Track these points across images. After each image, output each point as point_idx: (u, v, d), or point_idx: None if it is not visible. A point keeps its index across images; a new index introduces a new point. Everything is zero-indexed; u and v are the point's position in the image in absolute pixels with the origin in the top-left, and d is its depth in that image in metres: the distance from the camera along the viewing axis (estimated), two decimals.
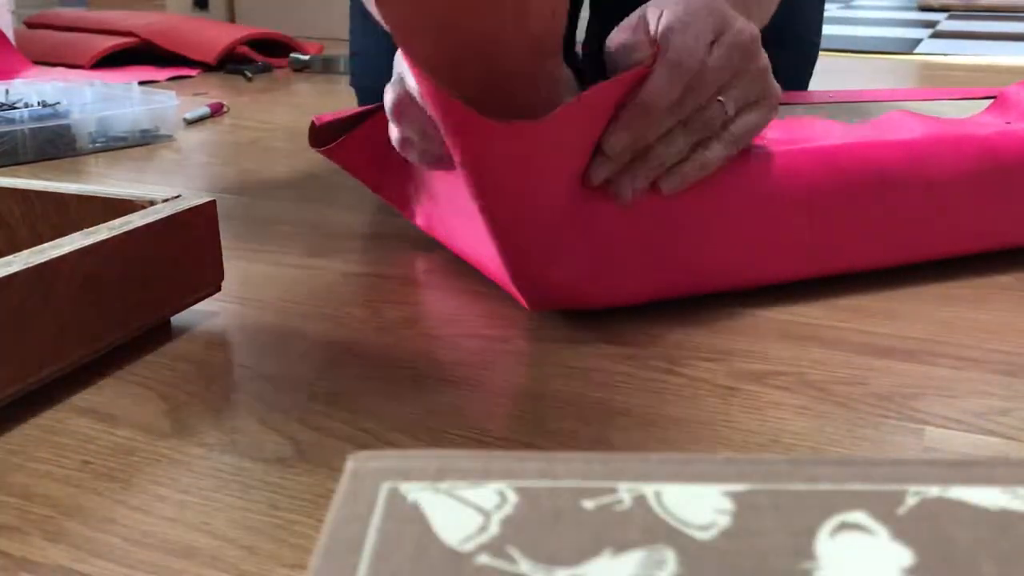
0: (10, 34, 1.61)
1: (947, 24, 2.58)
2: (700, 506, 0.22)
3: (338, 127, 0.70)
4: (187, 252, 0.57)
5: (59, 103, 1.09)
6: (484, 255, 0.62)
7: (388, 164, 0.72)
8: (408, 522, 0.22)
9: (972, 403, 0.49)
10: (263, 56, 1.70)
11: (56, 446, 0.45)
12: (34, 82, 1.22)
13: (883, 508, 0.22)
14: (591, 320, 0.58)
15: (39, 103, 1.11)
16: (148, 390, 0.51)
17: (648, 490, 0.22)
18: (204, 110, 1.25)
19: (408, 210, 0.73)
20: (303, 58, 1.69)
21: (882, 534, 0.21)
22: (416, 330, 0.58)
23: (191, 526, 0.39)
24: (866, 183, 0.61)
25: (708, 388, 0.50)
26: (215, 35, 1.70)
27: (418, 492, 0.23)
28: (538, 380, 0.51)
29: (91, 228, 0.52)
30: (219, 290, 0.61)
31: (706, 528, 0.21)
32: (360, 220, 0.80)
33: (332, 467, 0.43)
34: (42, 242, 0.50)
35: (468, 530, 0.21)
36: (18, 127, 1.02)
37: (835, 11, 3.00)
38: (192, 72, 1.61)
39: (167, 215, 0.55)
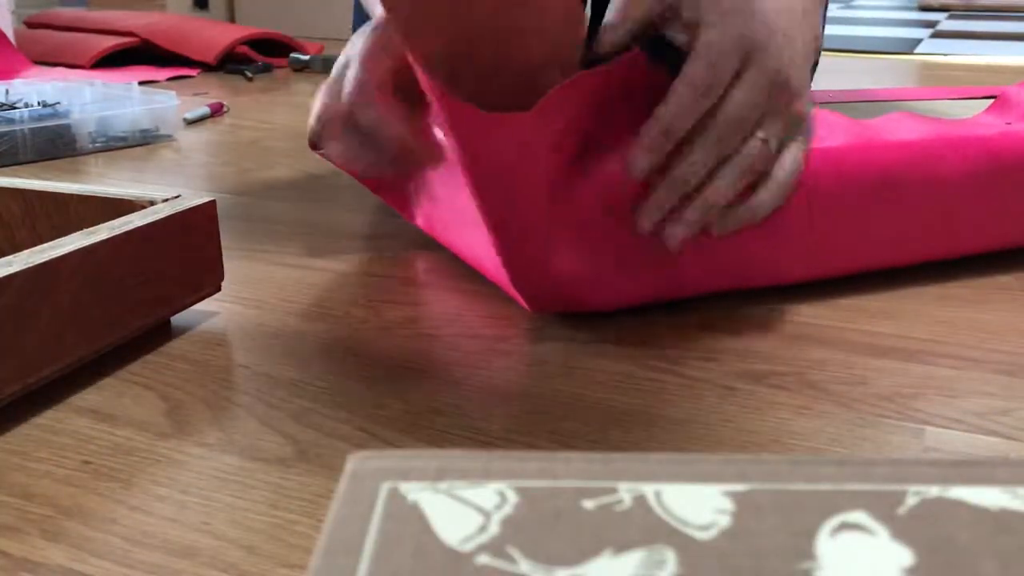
0: (10, 34, 1.61)
1: (947, 24, 2.58)
2: (700, 506, 0.22)
3: None
4: (187, 252, 0.57)
5: (59, 103, 1.09)
6: (484, 256, 0.62)
7: None
8: (408, 522, 0.22)
9: (972, 403, 0.49)
10: (263, 56, 1.70)
11: (56, 446, 0.45)
12: (34, 82, 1.22)
13: (883, 508, 0.22)
14: (591, 320, 0.58)
15: (39, 103, 1.11)
16: (148, 390, 0.51)
17: (648, 490, 0.22)
18: (204, 110, 1.25)
19: (408, 211, 0.73)
20: (303, 58, 1.69)
21: (882, 534, 0.21)
22: (416, 330, 0.58)
23: (191, 526, 0.39)
24: (867, 184, 0.61)
25: (708, 388, 0.50)
26: (215, 35, 1.70)
27: (418, 492, 0.23)
28: (538, 380, 0.51)
29: (91, 228, 0.52)
30: (219, 290, 0.61)
31: (706, 528, 0.21)
32: (360, 220, 0.80)
33: (332, 467, 0.43)
34: (42, 242, 0.50)
35: (468, 530, 0.21)
36: (18, 127, 1.02)
37: (835, 11, 3.00)
38: (192, 72, 1.61)
39: (167, 215, 0.55)
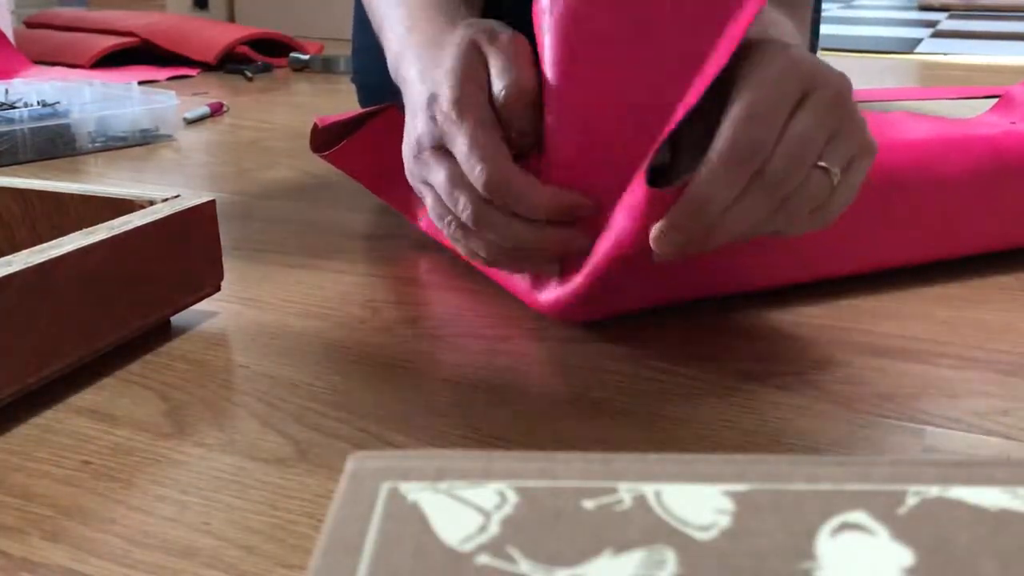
0: (10, 34, 1.61)
1: (947, 24, 2.58)
2: (700, 506, 0.22)
3: (339, 130, 0.70)
4: (187, 252, 0.57)
5: (59, 103, 1.09)
6: None
7: (389, 167, 0.72)
8: (408, 522, 0.21)
9: (972, 403, 0.49)
10: (263, 56, 1.70)
11: (56, 446, 0.45)
12: (34, 82, 1.22)
13: (883, 508, 0.22)
14: (591, 320, 0.58)
15: (39, 103, 1.11)
16: (148, 390, 0.51)
17: (648, 490, 0.22)
18: (204, 110, 1.25)
19: (411, 213, 0.73)
20: (303, 58, 1.69)
21: (882, 534, 0.21)
22: (416, 330, 0.58)
23: (191, 526, 0.39)
24: (872, 185, 0.61)
25: (708, 388, 0.50)
26: (215, 35, 1.70)
27: (418, 492, 0.23)
28: (538, 380, 0.51)
29: (91, 228, 0.52)
30: (219, 290, 0.61)
31: (706, 528, 0.21)
32: (360, 220, 0.80)
33: (332, 467, 0.43)
34: (42, 242, 0.50)
35: (468, 530, 0.21)
36: (18, 127, 1.02)
37: (835, 11, 3.00)
38: (192, 72, 1.61)
39: (167, 215, 0.55)
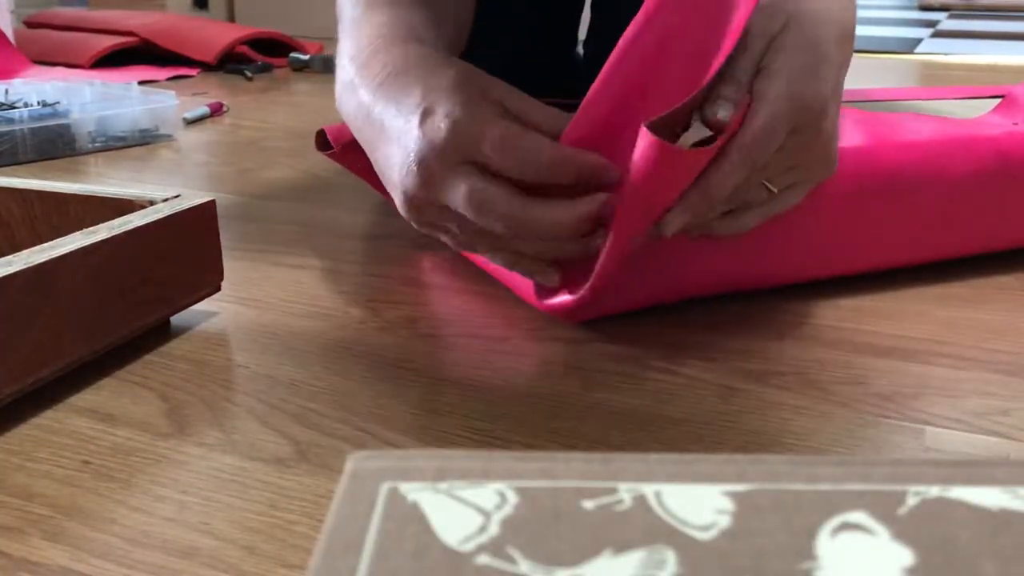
0: (10, 33, 1.61)
1: (948, 23, 2.58)
2: (700, 506, 0.22)
3: (345, 131, 0.71)
4: (187, 252, 0.57)
5: (59, 103, 1.09)
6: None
7: None
8: (408, 522, 0.21)
9: (972, 403, 0.49)
10: (263, 56, 1.70)
11: (56, 446, 0.45)
12: (34, 82, 1.22)
13: (883, 508, 0.22)
14: (591, 320, 0.58)
15: (39, 103, 1.11)
16: (148, 390, 0.51)
17: (648, 490, 0.22)
18: (204, 110, 1.25)
19: None
20: (303, 58, 1.69)
21: (883, 534, 0.21)
22: (416, 330, 0.58)
23: (191, 526, 0.39)
24: (875, 185, 0.61)
25: (708, 388, 0.50)
26: (215, 35, 1.70)
27: (418, 492, 0.23)
28: (538, 380, 0.51)
29: (91, 228, 0.52)
30: (219, 290, 0.61)
31: (706, 528, 0.21)
32: (360, 220, 0.80)
33: (332, 467, 0.43)
34: (42, 242, 0.50)
35: (468, 530, 0.21)
36: (18, 127, 1.02)
37: None
38: (192, 72, 1.61)
39: (167, 215, 0.55)
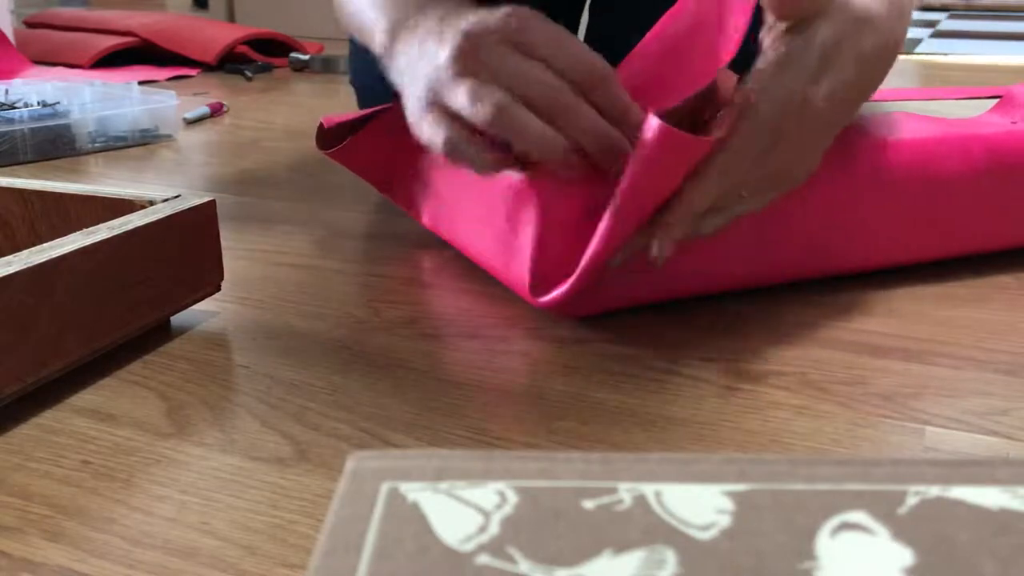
0: (10, 34, 1.61)
1: (947, 24, 2.58)
2: (700, 506, 0.22)
3: (344, 129, 0.71)
4: (187, 252, 0.57)
5: (59, 103, 1.09)
6: (488, 253, 0.62)
7: (394, 164, 0.72)
8: (408, 522, 0.21)
9: (972, 403, 0.49)
10: (263, 56, 1.70)
11: (56, 446, 0.45)
12: (34, 82, 1.22)
13: (883, 508, 0.22)
14: (591, 320, 0.58)
15: (39, 103, 1.11)
16: (148, 390, 0.51)
17: (648, 490, 0.22)
18: (204, 110, 1.25)
19: (414, 210, 0.73)
20: (303, 58, 1.69)
21: (882, 534, 0.21)
22: (416, 330, 0.58)
23: (191, 526, 0.39)
24: (872, 184, 0.61)
25: (708, 388, 0.50)
26: (215, 35, 1.70)
27: (418, 492, 0.23)
28: (538, 380, 0.51)
29: (91, 228, 0.52)
30: (219, 290, 0.61)
31: (706, 528, 0.21)
32: (360, 220, 0.80)
33: (332, 467, 0.43)
34: (42, 242, 0.50)
35: (468, 530, 0.21)
36: (18, 127, 1.02)
37: None
38: (192, 72, 1.61)
39: (167, 215, 0.55)
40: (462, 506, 0.22)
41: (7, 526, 0.39)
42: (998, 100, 0.73)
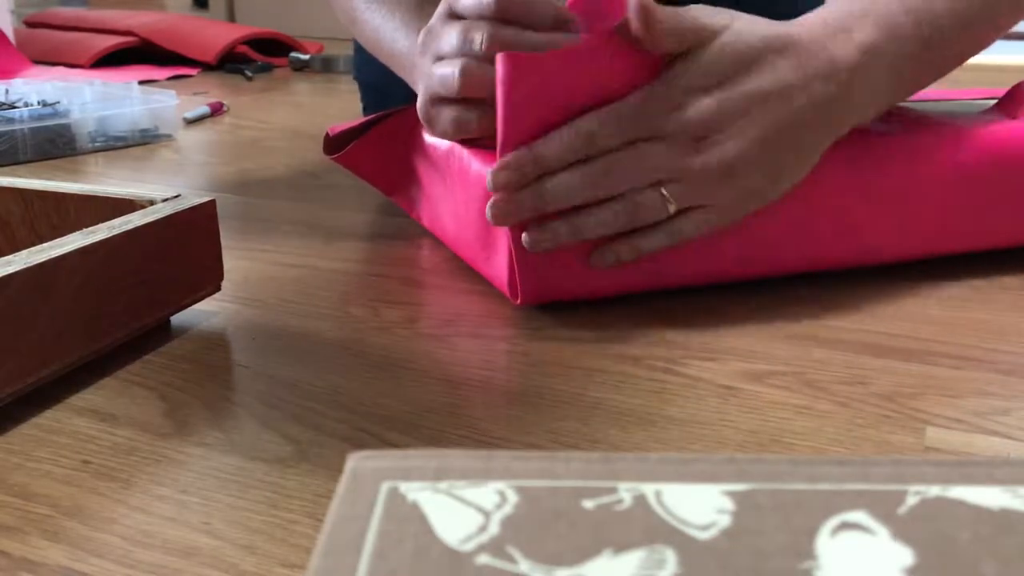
0: (10, 33, 1.61)
1: None
2: (700, 506, 0.22)
3: (350, 135, 0.72)
4: (187, 252, 0.57)
5: (59, 103, 1.09)
6: (472, 251, 0.63)
7: (397, 167, 0.73)
8: (408, 522, 0.21)
9: (973, 403, 0.49)
10: (263, 55, 1.70)
11: (56, 446, 0.45)
12: (34, 82, 1.22)
13: (883, 508, 0.22)
14: (591, 320, 0.58)
15: (39, 103, 1.11)
16: (148, 390, 0.51)
17: (648, 490, 0.22)
18: (204, 109, 1.25)
19: (415, 211, 0.74)
20: (303, 57, 1.69)
21: (882, 534, 0.21)
22: (416, 330, 0.58)
23: (191, 526, 0.39)
24: (871, 181, 0.61)
25: (708, 388, 0.50)
26: (215, 34, 1.70)
27: (418, 492, 0.23)
28: (538, 380, 0.51)
29: (91, 228, 0.52)
30: (219, 290, 0.61)
31: (706, 528, 0.21)
32: (360, 220, 0.80)
33: (332, 467, 0.43)
34: (42, 242, 0.50)
35: (468, 530, 0.21)
36: (18, 127, 1.02)
37: None
38: (192, 71, 1.61)
39: (167, 215, 0.55)
40: (462, 506, 0.22)
41: (7, 526, 0.39)
42: (1000, 98, 0.73)
